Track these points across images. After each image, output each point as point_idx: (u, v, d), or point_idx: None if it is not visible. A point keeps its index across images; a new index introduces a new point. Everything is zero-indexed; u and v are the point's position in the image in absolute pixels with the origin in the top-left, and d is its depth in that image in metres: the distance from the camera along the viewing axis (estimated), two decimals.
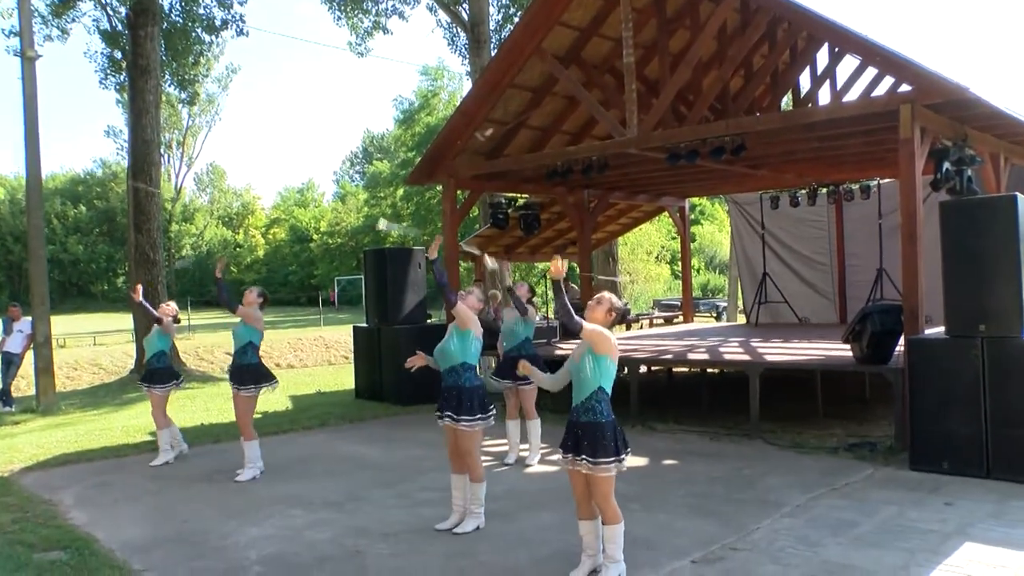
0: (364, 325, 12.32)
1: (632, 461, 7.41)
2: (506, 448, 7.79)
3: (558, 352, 10.41)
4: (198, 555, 5.18)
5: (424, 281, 12.04)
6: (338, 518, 5.90)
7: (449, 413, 5.29)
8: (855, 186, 13.51)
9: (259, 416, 10.56)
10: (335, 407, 11.20)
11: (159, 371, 8.08)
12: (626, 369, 12.72)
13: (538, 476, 6.93)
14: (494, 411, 5.38)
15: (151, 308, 8.34)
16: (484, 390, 5.39)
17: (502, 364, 7.40)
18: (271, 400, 11.94)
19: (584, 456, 4.29)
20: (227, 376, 7.52)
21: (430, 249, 5.32)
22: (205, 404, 11.97)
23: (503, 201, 13.17)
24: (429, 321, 12.11)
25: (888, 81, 8.78)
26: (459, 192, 12.05)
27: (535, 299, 7.88)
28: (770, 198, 14.30)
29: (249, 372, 7.17)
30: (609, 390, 4.37)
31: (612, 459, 4.31)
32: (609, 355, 4.31)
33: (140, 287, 8.99)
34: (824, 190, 13.82)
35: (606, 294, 4.55)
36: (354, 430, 9.64)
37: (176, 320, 8.14)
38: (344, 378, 14.23)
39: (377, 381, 11.73)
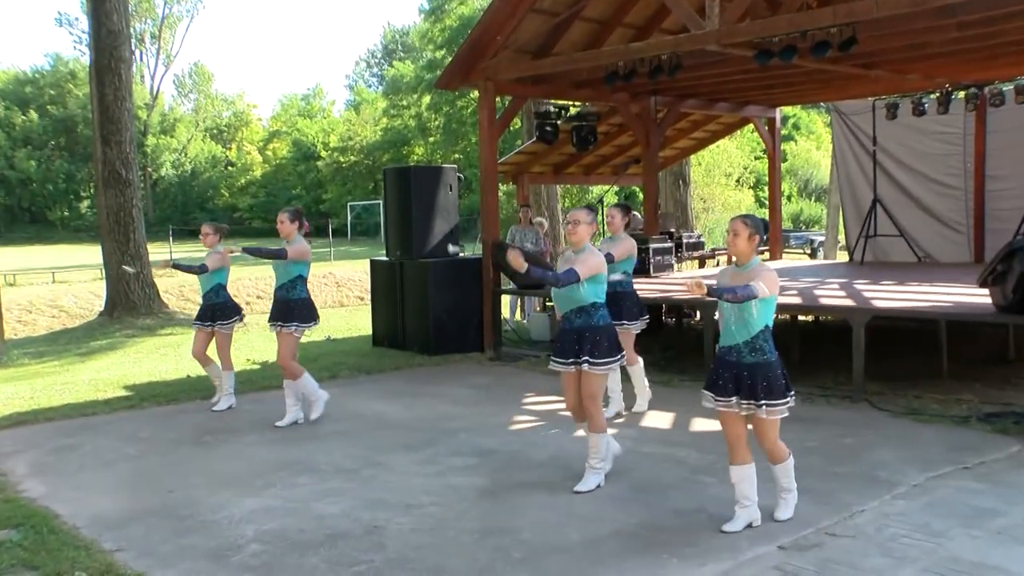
0: (383, 259, 12.41)
1: (704, 425, 7.63)
2: (548, 402, 8.04)
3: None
4: (185, 531, 5.25)
5: (456, 206, 12.02)
6: (352, 487, 5.98)
7: (585, 357, 5.62)
8: (1008, 86, 12.88)
9: (256, 367, 10.80)
10: (348, 356, 11.34)
11: (221, 306, 8.33)
12: (698, 315, 12.69)
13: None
14: (623, 352, 5.84)
15: (189, 266, 8.45)
16: (615, 328, 5.81)
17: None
18: (273, 350, 12.04)
19: (762, 400, 4.82)
20: (270, 315, 7.79)
21: (513, 259, 5.31)
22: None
23: (552, 110, 13.01)
24: (461, 255, 12.12)
25: None
26: (499, 99, 11.92)
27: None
28: (886, 106, 13.90)
29: (298, 308, 7.53)
30: (771, 328, 4.96)
31: (786, 399, 4.87)
32: (776, 292, 4.87)
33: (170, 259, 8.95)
34: (961, 94, 13.25)
35: (739, 220, 4.95)
36: (371, 383, 9.75)
37: (222, 235, 8.44)
38: (359, 322, 14.37)
39: (398, 326, 11.83)
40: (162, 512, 5.58)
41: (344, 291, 22.71)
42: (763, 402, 4.82)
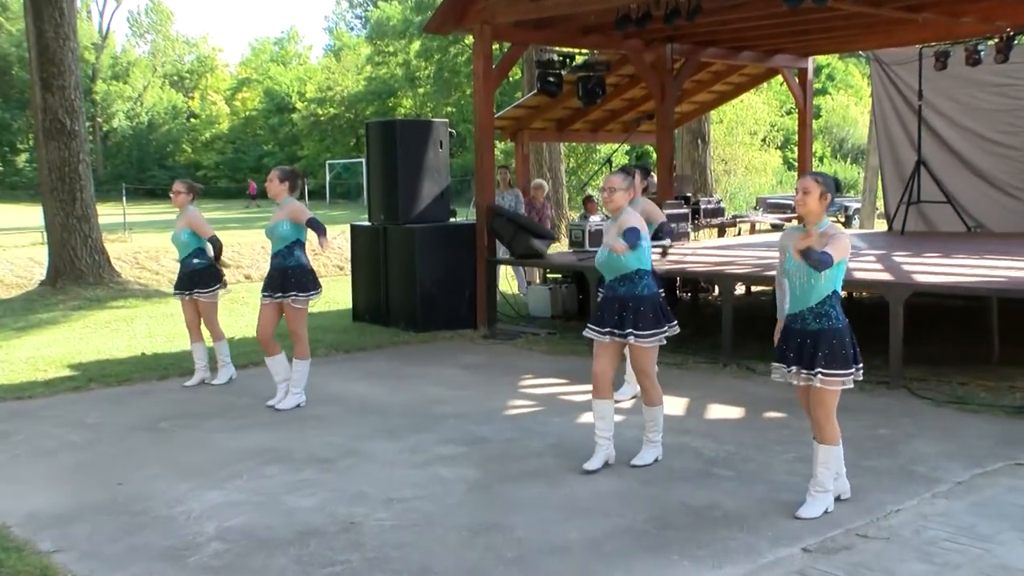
0: (365, 223, 12.39)
1: (720, 412, 7.68)
2: (547, 385, 8.15)
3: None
4: (136, 528, 5.23)
5: (447, 166, 11.99)
6: (327, 479, 5.98)
7: (630, 330, 5.88)
8: None
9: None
10: (325, 332, 11.33)
11: (201, 272, 8.42)
12: (715, 289, 12.69)
13: (592, 427, 6.90)
14: (676, 322, 6.11)
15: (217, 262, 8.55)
16: (660, 297, 6.08)
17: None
18: (239, 324, 12.09)
19: (819, 369, 5.04)
20: (264, 285, 7.90)
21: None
22: (148, 327, 12.14)
23: (555, 59, 12.93)
24: (454, 220, 12.13)
25: None
26: (496, 45, 11.87)
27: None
28: (935, 54, 13.73)
29: (296, 276, 7.66)
30: (840, 293, 5.19)
31: (850, 371, 5.12)
32: (847, 256, 5.09)
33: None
34: None
35: (810, 177, 5.17)
36: (350, 363, 9.75)
37: (195, 194, 8.64)
38: (338, 294, 14.34)
39: (382, 299, 11.85)
40: (110, 508, 5.56)
41: (321, 260, 22.53)
42: (818, 370, 5.04)
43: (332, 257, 23.04)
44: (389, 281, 11.74)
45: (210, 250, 8.48)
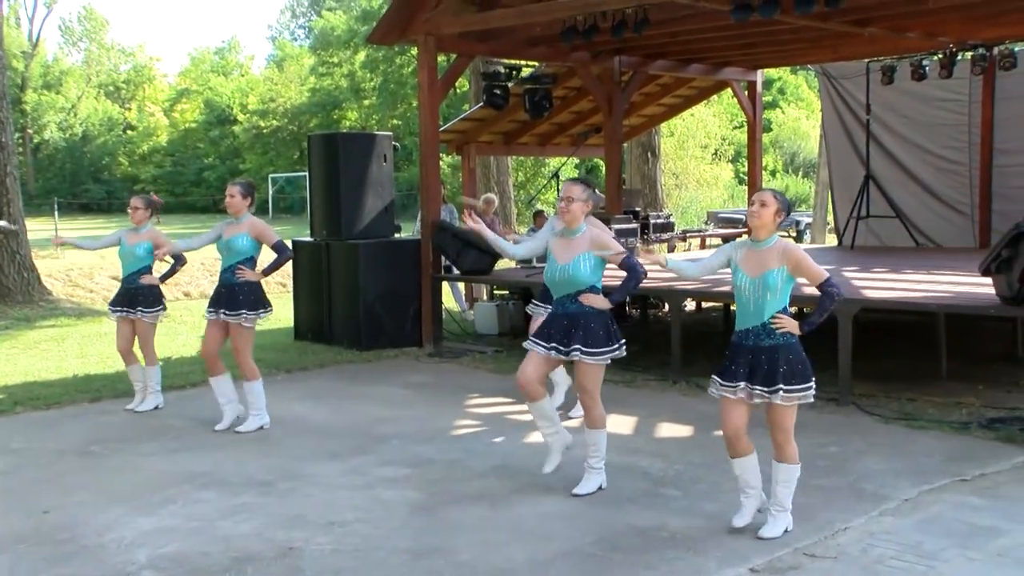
0: (308, 239, 12.34)
1: (669, 431, 7.73)
2: (493, 404, 8.21)
3: None
4: (61, 558, 5.14)
5: (391, 179, 12.01)
6: (266, 503, 5.94)
7: (577, 346, 5.83)
8: (1020, 46, 13.04)
9: (160, 363, 10.61)
10: (266, 351, 11.17)
11: (146, 291, 8.27)
12: (665, 306, 12.78)
13: (539, 447, 6.93)
14: (624, 343, 6.06)
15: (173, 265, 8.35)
16: (611, 315, 6.03)
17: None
18: (175, 344, 11.94)
19: (779, 384, 5.04)
20: (210, 301, 7.82)
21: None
22: (80, 348, 11.94)
23: (501, 71, 12.97)
24: (399, 235, 12.13)
25: None
26: (441, 57, 11.87)
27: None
28: (882, 68, 14.04)
29: (245, 294, 7.61)
30: None
31: (809, 385, 5.14)
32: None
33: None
34: (968, 55, 13.40)
35: (769, 191, 5.27)
36: (291, 383, 9.71)
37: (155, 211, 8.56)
38: (279, 312, 14.10)
39: (324, 316, 11.80)
40: (34, 537, 5.46)
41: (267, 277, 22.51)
42: (780, 386, 5.04)
43: (275, 274, 22.83)
44: (332, 298, 11.68)
45: (155, 268, 8.39)
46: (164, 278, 8.38)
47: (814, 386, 5.18)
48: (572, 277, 5.89)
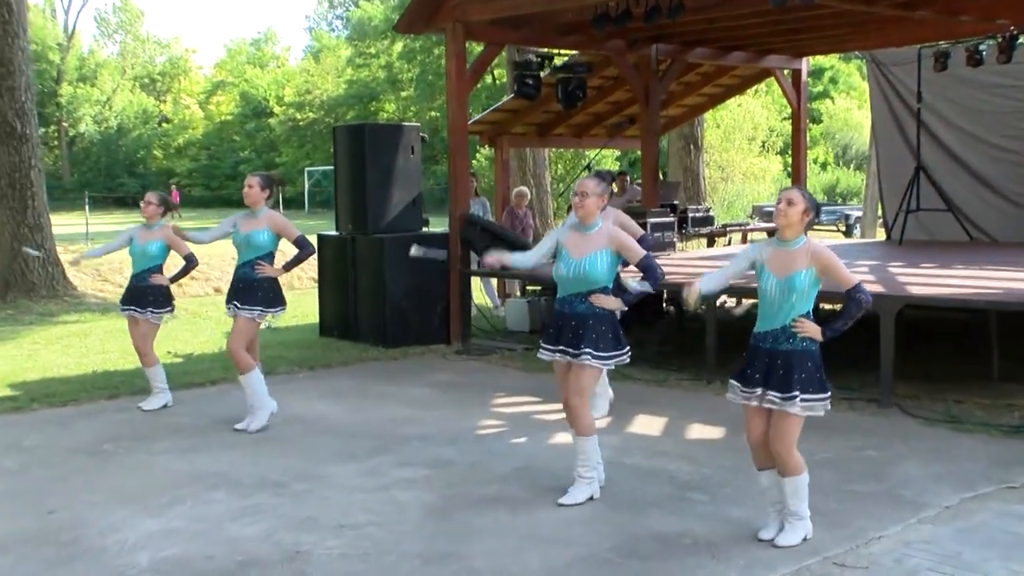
0: (333, 233, 12.34)
1: (699, 432, 7.65)
2: (520, 404, 8.15)
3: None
4: (63, 560, 5.13)
5: (419, 172, 11.97)
6: (278, 504, 5.92)
7: (587, 348, 5.73)
8: None
9: (179, 360, 10.75)
10: (290, 348, 11.28)
11: (155, 290, 8.28)
12: (702, 305, 12.61)
13: (563, 449, 6.90)
14: (629, 348, 5.95)
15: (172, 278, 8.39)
16: (618, 317, 5.93)
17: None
18: (198, 340, 12.01)
19: (796, 392, 4.94)
20: (228, 295, 7.84)
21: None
22: (102, 343, 12.03)
23: (534, 60, 12.88)
24: (427, 229, 12.09)
25: None
26: (471, 45, 11.83)
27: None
28: (934, 54, 13.73)
29: (263, 290, 7.63)
30: None
31: (826, 396, 5.03)
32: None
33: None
34: None
35: (796, 189, 5.20)
36: (314, 380, 9.72)
37: (168, 210, 8.49)
38: (306, 308, 14.26)
39: (350, 313, 11.79)
40: (38, 538, 5.46)
41: (295, 271, 22.58)
42: (797, 393, 4.92)
43: (307, 268, 22.93)
44: (358, 294, 11.67)
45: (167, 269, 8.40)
46: (175, 279, 8.38)
47: (829, 399, 5.06)
48: (586, 275, 5.77)
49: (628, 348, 5.91)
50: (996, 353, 9.10)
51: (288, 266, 7.82)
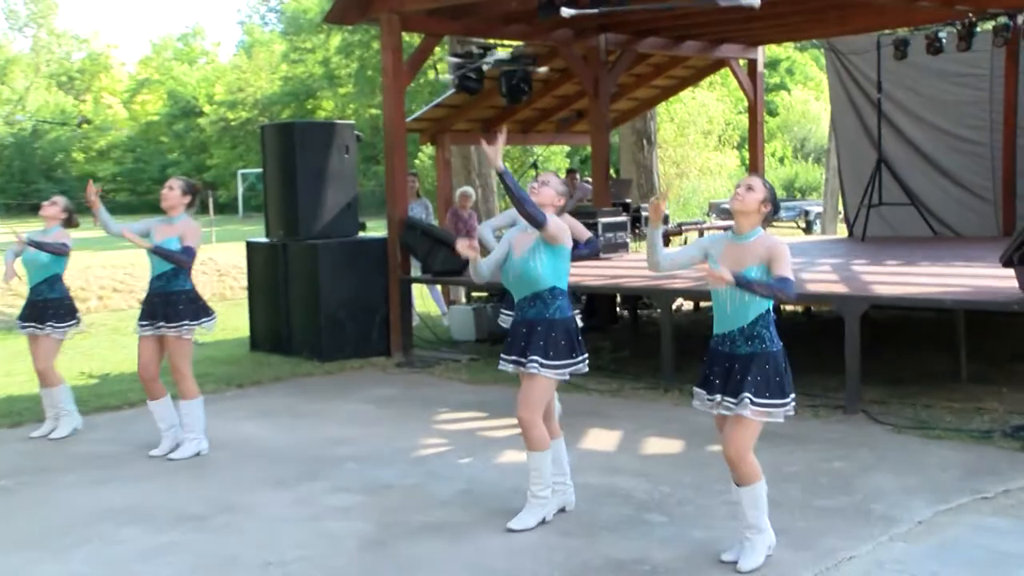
0: (263, 240, 12.19)
1: (657, 446, 7.52)
2: (465, 419, 8.09)
3: None
4: None
5: (354, 173, 11.85)
6: (196, 541, 5.72)
7: (535, 357, 5.59)
8: None
9: (94, 382, 10.42)
10: (217, 365, 11.10)
11: (56, 304, 7.99)
12: (655, 307, 12.53)
13: (511, 468, 6.80)
14: (587, 356, 5.84)
15: (43, 241, 7.97)
16: (575, 323, 5.83)
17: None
18: (117, 359, 11.70)
19: (746, 395, 4.80)
20: (141, 314, 7.60)
21: (488, 151, 5.50)
22: (7, 364, 11.64)
23: (475, 51, 12.75)
24: (363, 233, 11.98)
25: None
26: (410, 37, 11.73)
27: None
28: (894, 42, 13.88)
29: (184, 303, 7.39)
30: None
31: (784, 402, 4.91)
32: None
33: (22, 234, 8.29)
34: (988, 25, 13.14)
35: (757, 176, 5.14)
36: (242, 400, 9.55)
37: (70, 222, 8.17)
38: (237, 320, 13.99)
39: (282, 325, 11.63)
40: None
41: (228, 281, 22.28)
42: (746, 395, 4.80)
43: (240, 278, 22.59)
44: (290, 305, 11.50)
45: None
46: (36, 243, 7.87)
47: (790, 405, 4.93)
48: (524, 273, 5.66)
49: (585, 356, 5.78)
50: (964, 353, 9.12)
51: (161, 251, 7.34)
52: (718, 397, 4.95)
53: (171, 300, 7.38)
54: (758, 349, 4.90)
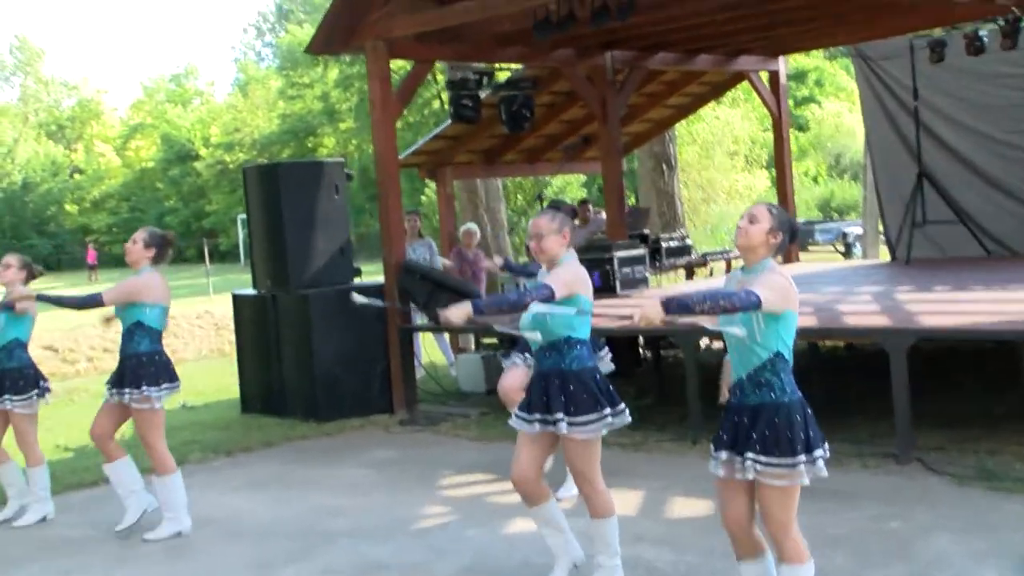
0: (250, 292, 12.07)
1: (684, 508, 7.18)
2: (473, 483, 7.96)
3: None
4: None
5: (347, 215, 11.73)
6: None
7: (559, 415, 5.41)
8: None
9: (70, 455, 10.23)
10: (205, 430, 10.94)
11: (15, 373, 7.72)
12: (680, 347, 12.28)
13: (520, 539, 6.55)
14: (623, 405, 5.61)
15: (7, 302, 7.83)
16: (601, 373, 5.68)
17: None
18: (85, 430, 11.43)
19: (750, 455, 4.50)
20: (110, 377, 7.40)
21: (447, 314, 5.21)
22: None
23: (471, 77, 12.63)
24: (358, 279, 11.83)
25: None
26: (395, 65, 11.72)
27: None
28: (928, 45, 13.69)
29: (146, 367, 7.16)
30: (790, 358, 4.66)
31: (799, 459, 4.47)
32: (791, 307, 4.61)
33: None
34: None
35: (763, 205, 4.85)
36: (231, 468, 9.38)
37: (32, 276, 7.96)
38: (229, 379, 13.86)
39: (275, 383, 11.48)
40: None
41: (225, 335, 22.26)
42: (750, 456, 4.48)
43: (227, 333, 22.59)
44: (282, 361, 11.33)
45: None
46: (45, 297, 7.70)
47: (801, 464, 4.47)
48: (541, 323, 5.49)
49: (621, 406, 5.53)
50: None
51: (47, 298, 7.31)
52: (724, 455, 4.62)
53: (132, 363, 7.15)
54: (767, 399, 4.57)
